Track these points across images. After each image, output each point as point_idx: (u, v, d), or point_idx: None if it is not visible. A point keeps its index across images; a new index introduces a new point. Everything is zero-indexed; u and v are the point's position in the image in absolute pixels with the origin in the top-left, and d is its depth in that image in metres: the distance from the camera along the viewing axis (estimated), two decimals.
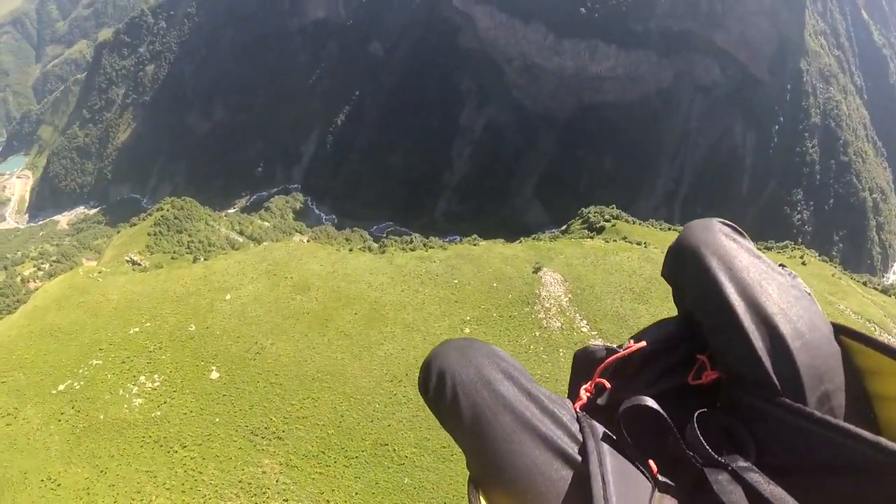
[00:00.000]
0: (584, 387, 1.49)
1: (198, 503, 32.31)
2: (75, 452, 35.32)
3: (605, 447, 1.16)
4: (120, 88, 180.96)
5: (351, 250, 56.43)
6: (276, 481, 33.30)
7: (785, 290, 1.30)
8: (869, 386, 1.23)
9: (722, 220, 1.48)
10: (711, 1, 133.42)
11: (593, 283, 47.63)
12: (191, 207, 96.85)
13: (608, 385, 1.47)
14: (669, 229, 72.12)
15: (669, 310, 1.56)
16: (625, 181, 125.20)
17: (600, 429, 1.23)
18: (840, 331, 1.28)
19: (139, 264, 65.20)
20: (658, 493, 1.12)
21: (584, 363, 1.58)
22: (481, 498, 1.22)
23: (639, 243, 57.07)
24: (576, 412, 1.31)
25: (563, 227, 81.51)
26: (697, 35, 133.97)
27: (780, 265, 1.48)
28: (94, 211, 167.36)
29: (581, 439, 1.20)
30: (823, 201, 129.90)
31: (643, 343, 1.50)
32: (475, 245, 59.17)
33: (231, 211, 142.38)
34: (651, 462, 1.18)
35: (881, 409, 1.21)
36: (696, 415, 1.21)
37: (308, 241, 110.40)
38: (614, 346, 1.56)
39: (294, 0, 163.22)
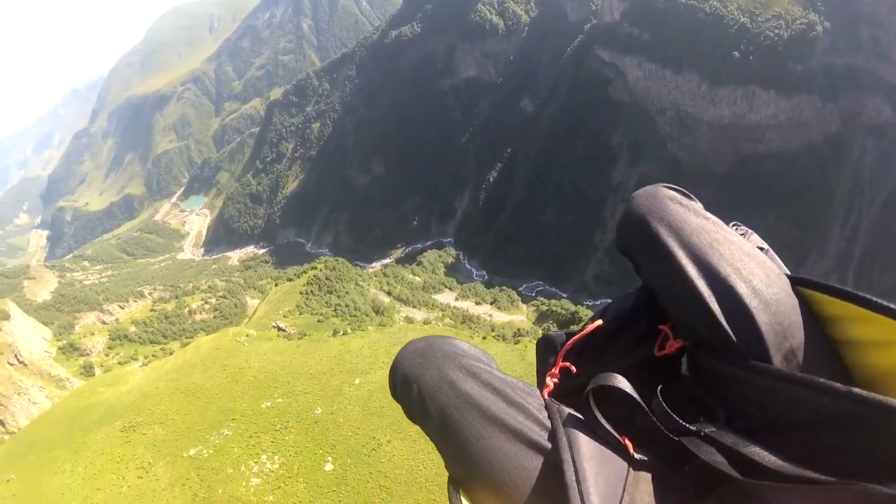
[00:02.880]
0: (548, 373, 1.47)
1: None
2: None
3: (576, 431, 1.15)
4: (289, 143, 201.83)
5: (484, 338, 56.29)
6: None
7: (737, 249, 1.26)
8: (834, 333, 1.19)
9: (667, 184, 1.46)
10: (873, 30, 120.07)
11: None
12: (342, 268, 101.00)
13: (573, 369, 1.46)
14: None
15: None
16: (791, 241, 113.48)
17: (570, 413, 1.21)
18: (797, 281, 1.25)
19: (284, 330, 67.88)
20: (633, 470, 1.11)
21: (547, 351, 1.57)
22: (462, 497, 1.22)
23: None
24: (544, 400, 1.30)
25: None
26: (863, 70, 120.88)
27: (732, 224, 1.49)
28: (262, 251, 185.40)
29: (551, 427, 1.20)
30: None
31: (599, 322, 1.48)
32: None
33: (386, 261, 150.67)
34: (626, 439, 1.16)
35: (850, 354, 1.16)
36: (659, 388, 1.20)
37: (456, 298, 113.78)
38: (574, 329, 1.53)
39: (446, 62, 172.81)
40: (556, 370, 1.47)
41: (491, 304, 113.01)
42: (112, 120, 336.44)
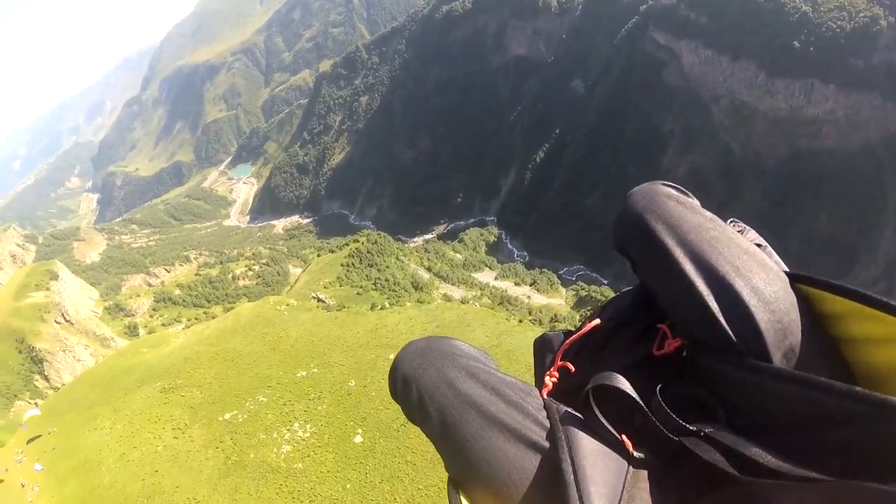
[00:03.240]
0: (547, 372, 1.44)
1: None
2: (222, 482, 36.88)
3: (575, 430, 1.14)
4: (337, 115, 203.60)
5: (521, 321, 54.67)
6: None
7: (736, 246, 1.23)
8: (834, 331, 1.18)
9: (664, 182, 1.43)
10: None
11: None
12: (384, 242, 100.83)
13: (572, 368, 1.43)
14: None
15: None
16: (841, 244, 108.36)
17: (569, 412, 1.20)
18: (796, 278, 1.23)
19: (323, 301, 68.22)
20: (633, 469, 1.10)
21: (544, 350, 1.54)
22: (462, 497, 1.20)
23: None
24: (543, 399, 1.29)
25: None
26: None
27: (730, 221, 1.45)
28: (306, 221, 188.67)
29: (549, 426, 1.19)
30: None
31: (597, 321, 1.45)
32: None
33: (428, 237, 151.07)
34: (625, 438, 1.15)
35: (850, 352, 1.15)
36: (658, 387, 1.19)
37: (495, 277, 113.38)
38: (572, 329, 1.50)
39: (497, 38, 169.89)
40: (554, 369, 1.45)
41: (530, 285, 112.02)
42: (163, 88, 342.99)
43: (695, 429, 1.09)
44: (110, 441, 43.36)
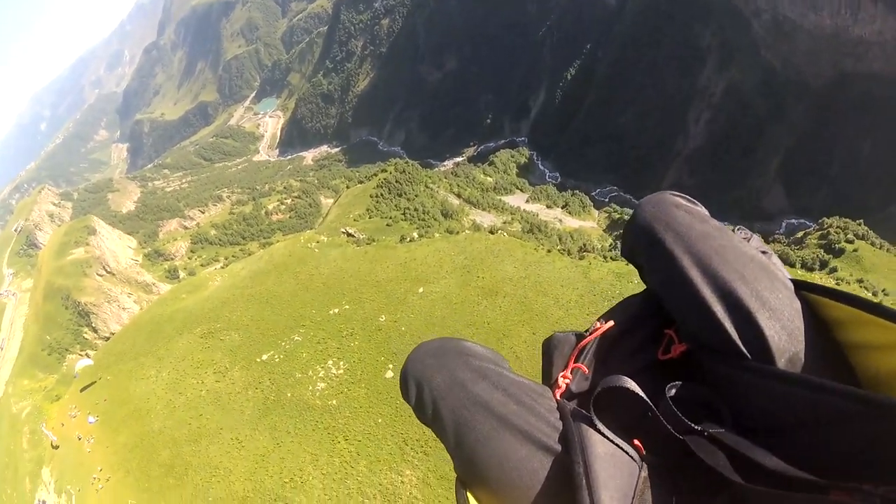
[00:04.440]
0: (561, 373, 1.40)
1: (343, 494, 32.59)
2: (262, 421, 37.56)
3: (587, 432, 1.10)
4: (358, 41, 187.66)
5: (549, 251, 50.02)
6: (410, 493, 32.03)
7: (742, 254, 1.22)
8: (838, 337, 1.16)
9: (673, 192, 1.41)
10: None
11: None
12: (412, 171, 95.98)
13: (586, 370, 1.39)
14: None
15: None
16: (884, 173, 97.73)
17: (581, 414, 1.16)
18: (800, 286, 1.21)
19: (353, 236, 66.28)
20: (643, 472, 1.06)
21: (555, 351, 1.48)
22: (470, 498, 1.16)
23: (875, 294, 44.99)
24: (556, 400, 1.26)
25: (800, 235, 66.40)
26: None
27: (736, 228, 1.43)
28: (335, 150, 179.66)
29: (562, 428, 1.15)
30: None
31: (611, 323, 1.42)
32: None
33: (458, 159, 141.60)
34: (637, 441, 1.12)
35: (854, 358, 1.13)
36: (667, 388, 1.16)
37: (526, 200, 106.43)
38: (582, 331, 1.47)
39: None
40: (568, 371, 1.40)
41: (562, 208, 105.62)
42: (179, 31, 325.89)
43: (700, 429, 1.07)
44: (157, 389, 43.80)
